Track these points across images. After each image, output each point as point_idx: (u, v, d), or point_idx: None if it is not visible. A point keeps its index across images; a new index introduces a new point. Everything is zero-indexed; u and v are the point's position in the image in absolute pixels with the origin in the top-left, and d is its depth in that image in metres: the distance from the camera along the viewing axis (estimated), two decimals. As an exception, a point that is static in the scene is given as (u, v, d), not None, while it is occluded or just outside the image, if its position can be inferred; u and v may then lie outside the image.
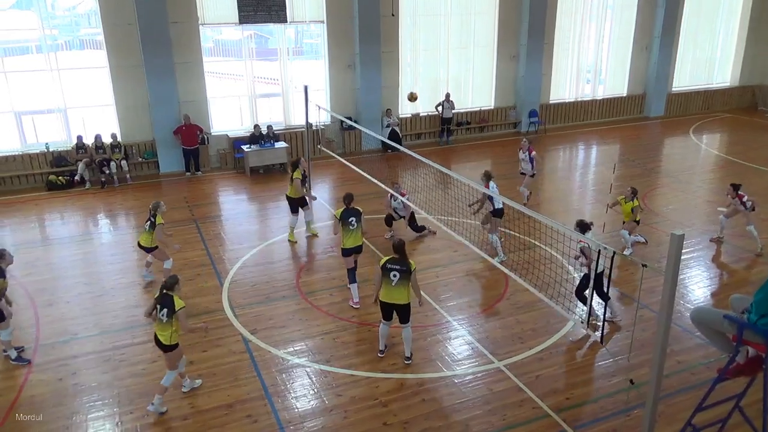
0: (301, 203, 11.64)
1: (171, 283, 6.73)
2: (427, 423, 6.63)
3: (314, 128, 16.12)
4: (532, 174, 13.37)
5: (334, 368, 7.60)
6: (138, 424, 6.64)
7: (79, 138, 15.41)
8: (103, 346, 8.14)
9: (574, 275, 9.90)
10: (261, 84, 18.10)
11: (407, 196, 11.49)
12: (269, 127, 16.85)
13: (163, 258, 9.59)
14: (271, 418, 6.74)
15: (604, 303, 7.42)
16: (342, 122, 16.71)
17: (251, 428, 6.60)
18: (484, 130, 20.80)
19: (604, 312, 6.66)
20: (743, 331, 5.13)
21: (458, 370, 7.56)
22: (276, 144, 16.57)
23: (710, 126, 22.38)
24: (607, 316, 8.42)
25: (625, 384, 6.99)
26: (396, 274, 7.32)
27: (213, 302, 9.31)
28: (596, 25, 22.08)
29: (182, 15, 15.85)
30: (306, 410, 6.88)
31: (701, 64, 24.83)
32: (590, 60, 22.61)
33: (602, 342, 6.82)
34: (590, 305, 7.77)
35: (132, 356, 7.91)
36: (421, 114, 19.76)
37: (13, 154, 15.24)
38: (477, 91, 20.69)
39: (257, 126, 16.74)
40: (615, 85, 23.25)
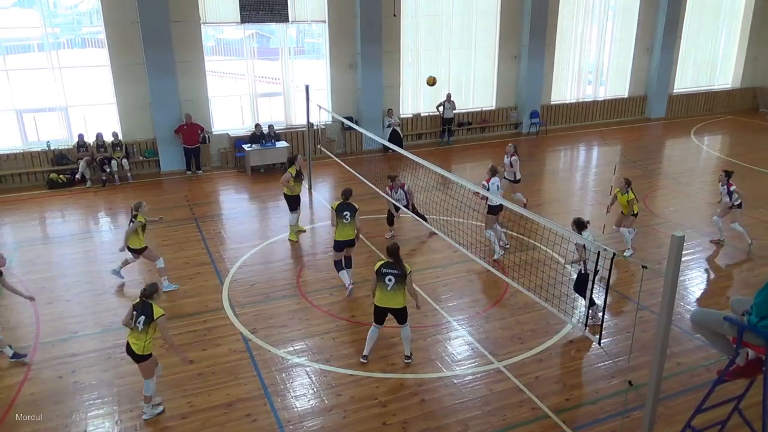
0: (299, 201, 11.70)
1: (150, 291, 6.53)
2: (427, 423, 6.63)
3: (315, 128, 16.14)
4: (517, 180, 12.97)
5: (334, 368, 7.61)
6: (137, 423, 6.64)
7: (81, 136, 15.42)
8: (103, 345, 8.15)
9: (574, 276, 9.88)
10: (262, 83, 18.11)
11: (407, 186, 11.52)
12: (270, 127, 16.85)
13: (154, 258, 9.58)
14: (271, 418, 6.74)
15: (588, 305, 7.50)
16: (343, 122, 16.71)
17: (250, 427, 6.60)
18: (485, 131, 20.80)
19: (603, 312, 6.65)
20: (743, 333, 5.13)
21: (458, 371, 7.56)
22: (277, 143, 16.58)
23: (711, 128, 22.37)
24: (589, 322, 8.53)
25: (625, 385, 6.98)
26: (391, 279, 7.24)
27: (213, 301, 9.32)
28: (598, 26, 22.08)
29: (184, 14, 15.86)
30: (305, 410, 6.88)
31: (703, 66, 24.82)
32: (592, 61, 22.61)
33: (600, 344, 6.83)
34: (588, 306, 7.76)
35: (132, 355, 7.91)
36: (422, 114, 19.77)
37: (15, 152, 15.25)
38: (478, 92, 20.69)
39: (258, 125, 16.75)
40: (616, 87, 23.24)
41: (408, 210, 11.50)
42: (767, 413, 5.37)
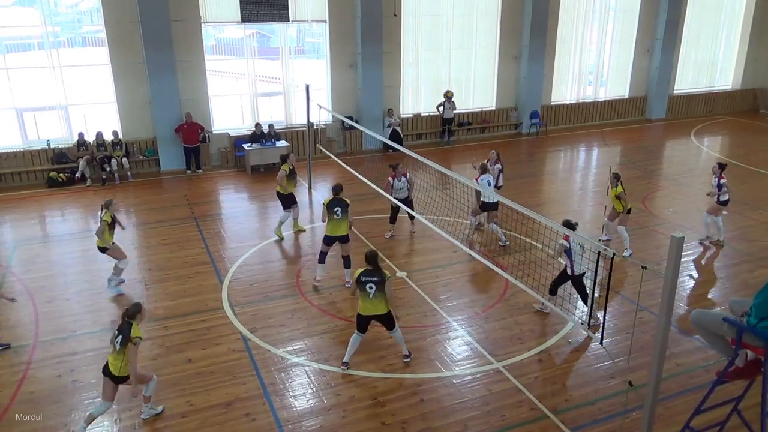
0: (292, 200, 11.71)
1: (133, 312, 6.29)
2: (426, 423, 6.62)
3: (315, 127, 16.13)
4: (499, 186, 12.80)
5: (333, 368, 7.60)
6: (136, 422, 6.63)
7: (81, 135, 15.42)
8: (102, 344, 8.12)
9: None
10: (262, 83, 18.10)
11: (409, 175, 11.66)
12: (270, 126, 16.85)
13: (119, 257, 9.53)
14: (270, 417, 6.74)
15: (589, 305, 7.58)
16: (343, 122, 16.72)
17: (249, 426, 6.60)
18: (486, 131, 20.80)
19: (605, 312, 6.65)
20: (742, 335, 5.13)
21: (457, 371, 7.56)
22: (277, 143, 16.57)
23: (712, 129, 22.37)
24: (539, 307, 8.86)
25: (624, 386, 6.98)
26: (372, 286, 7.17)
27: (212, 300, 9.31)
28: (598, 27, 22.07)
29: (185, 13, 15.85)
30: (304, 409, 6.88)
31: (703, 67, 24.82)
32: (592, 62, 22.61)
33: (602, 343, 6.83)
34: (591, 307, 7.76)
35: (131, 354, 7.90)
36: (423, 114, 19.77)
37: (14, 151, 15.25)
38: (478, 92, 20.69)
39: (258, 125, 16.74)
40: (616, 87, 23.24)
41: (406, 205, 11.54)
42: (766, 414, 5.37)
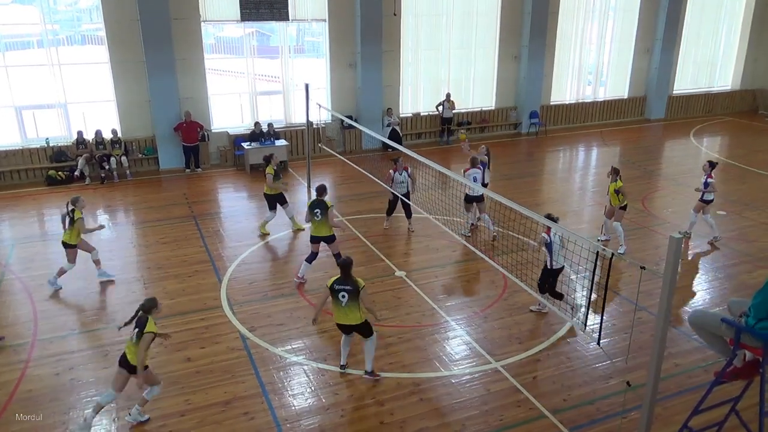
0: (280, 200, 11.74)
1: (149, 306, 6.42)
2: (424, 423, 6.63)
3: (315, 126, 16.13)
4: (485, 184, 12.55)
5: (332, 367, 7.60)
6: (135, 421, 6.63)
7: (80, 133, 15.41)
8: (101, 342, 8.14)
9: (572, 277, 9.91)
10: (262, 81, 18.09)
11: (410, 170, 11.73)
12: (270, 125, 16.84)
13: (72, 260, 9.53)
14: (268, 416, 6.74)
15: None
16: (342, 121, 16.71)
17: (248, 425, 6.60)
18: (485, 131, 20.80)
19: (602, 312, 6.65)
20: (741, 335, 5.13)
21: (455, 370, 7.56)
22: (276, 142, 16.57)
23: (711, 129, 22.38)
24: (536, 307, 8.91)
25: (622, 386, 6.99)
26: (344, 295, 6.94)
27: (211, 299, 9.31)
28: (598, 27, 22.08)
29: (184, 11, 15.84)
30: (303, 408, 6.88)
31: (702, 67, 24.83)
32: (591, 61, 22.62)
33: (599, 343, 6.84)
34: (588, 303, 7.76)
35: (129, 352, 7.90)
36: (422, 114, 19.77)
37: (13, 149, 15.24)
38: (478, 92, 20.69)
39: (258, 123, 16.74)
40: (616, 87, 23.25)
41: (407, 199, 11.62)
42: (764, 414, 5.38)
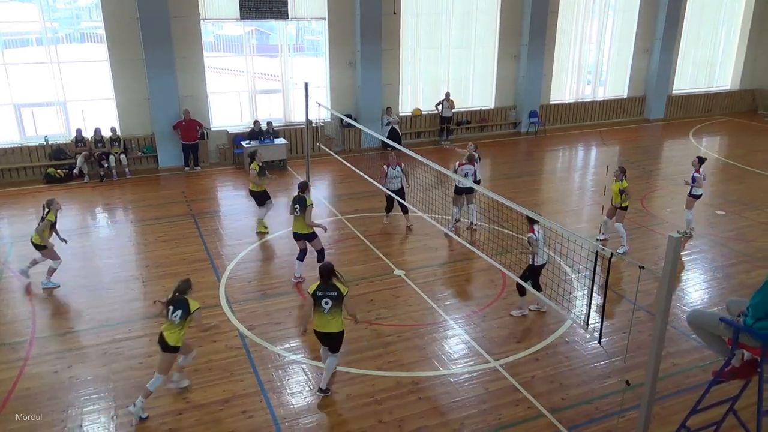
0: (266, 196, 11.78)
1: (184, 288, 6.73)
2: (422, 421, 6.63)
3: (314, 125, 16.11)
4: (477, 181, 12.52)
5: (330, 365, 7.60)
6: (133, 418, 6.62)
7: (79, 131, 15.40)
8: (100, 340, 8.14)
9: (571, 276, 9.91)
10: (261, 80, 18.08)
11: (404, 165, 11.84)
12: (269, 124, 16.83)
13: (53, 257, 9.49)
14: (267, 414, 6.74)
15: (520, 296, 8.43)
16: (342, 120, 16.70)
17: (246, 424, 6.60)
18: (484, 130, 20.80)
19: (603, 311, 6.66)
20: (739, 335, 5.14)
21: (454, 369, 7.57)
22: (275, 140, 16.56)
23: (710, 129, 22.40)
24: (534, 307, 8.93)
25: (621, 385, 6.99)
26: (328, 302, 6.73)
27: (210, 297, 9.30)
28: (598, 26, 22.09)
29: (184, 9, 15.83)
30: (301, 407, 6.88)
31: (702, 67, 24.85)
32: (591, 61, 22.62)
33: (600, 342, 6.84)
34: (590, 303, 7.75)
35: (128, 350, 7.90)
36: (423, 112, 19.76)
37: (12, 147, 15.23)
38: (477, 91, 20.68)
39: (257, 122, 16.73)
40: (615, 87, 23.26)
41: (400, 196, 11.65)
42: (762, 414, 5.38)
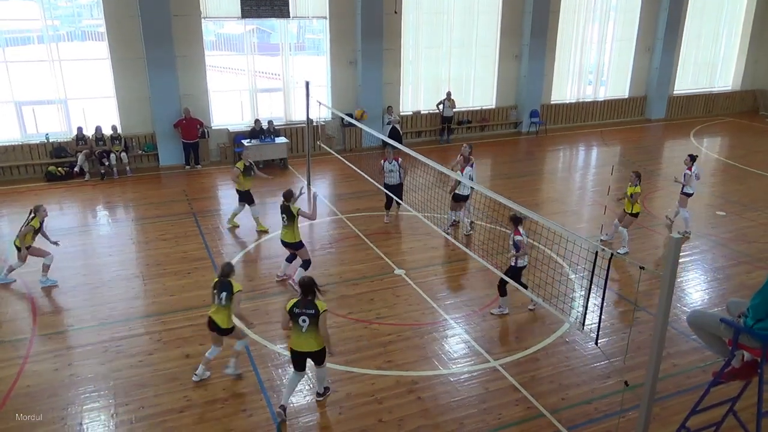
0: (249, 198, 11.79)
1: (228, 271, 7.15)
2: (422, 420, 6.64)
3: (315, 124, 16.12)
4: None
5: (330, 364, 7.58)
6: (133, 416, 6.64)
7: (80, 129, 15.40)
8: (100, 338, 8.14)
9: (571, 276, 9.91)
10: (262, 79, 18.07)
11: (401, 160, 11.82)
12: (270, 122, 16.83)
13: (43, 254, 9.57)
14: (267, 413, 6.74)
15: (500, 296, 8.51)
16: (342, 119, 16.71)
17: (247, 422, 6.61)
18: (485, 130, 20.80)
19: (600, 314, 6.66)
20: (739, 336, 5.14)
21: (454, 369, 7.57)
22: (276, 139, 16.56)
23: (711, 130, 22.39)
24: (498, 311, 8.87)
25: (620, 385, 6.99)
26: (305, 320, 6.34)
27: (210, 296, 9.25)
28: (599, 26, 22.07)
29: (185, 8, 15.82)
30: (301, 405, 6.88)
31: (703, 68, 24.84)
32: (592, 61, 22.61)
33: (597, 343, 6.85)
34: (586, 304, 7.75)
35: (129, 348, 7.91)
36: (422, 112, 19.76)
37: (13, 144, 15.24)
38: (478, 90, 20.68)
39: (258, 121, 16.73)
40: (617, 87, 23.25)
41: (398, 190, 11.71)
42: (762, 415, 5.38)
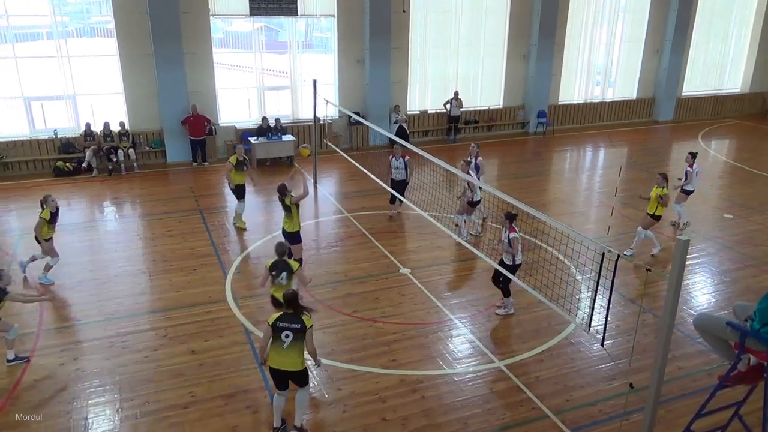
0: (241, 192, 11.82)
1: (282, 251, 7.60)
2: (426, 420, 6.64)
3: (322, 122, 16.13)
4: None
5: (335, 362, 7.62)
6: (138, 411, 6.67)
7: (88, 125, 15.47)
8: (106, 333, 8.19)
9: (578, 277, 9.89)
10: (270, 76, 18.11)
11: (408, 157, 11.85)
12: (277, 120, 16.87)
13: (51, 254, 9.54)
14: (271, 410, 6.75)
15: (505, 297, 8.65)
16: (350, 117, 16.72)
17: (250, 419, 6.62)
18: (492, 129, 20.76)
19: (606, 315, 6.64)
20: (746, 339, 5.11)
21: (459, 369, 7.57)
22: (283, 137, 16.60)
23: (719, 132, 22.27)
24: (503, 312, 8.86)
25: (625, 388, 6.97)
26: (289, 335, 5.99)
27: (216, 292, 9.34)
28: (608, 27, 21.99)
29: (193, 5, 15.87)
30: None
31: (712, 69, 24.71)
32: (600, 62, 22.53)
33: (603, 345, 6.83)
34: (593, 303, 7.74)
35: (135, 343, 7.95)
36: (429, 111, 19.75)
37: (22, 140, 15.33)
38: (486, 90, 20.64)
39: (265, 118, 16.77)
40: (625, 88, 23.16)
41: (403, 187, 11.69)
42: (767, 420, 5.36)
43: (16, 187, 14.28)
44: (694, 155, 12.10)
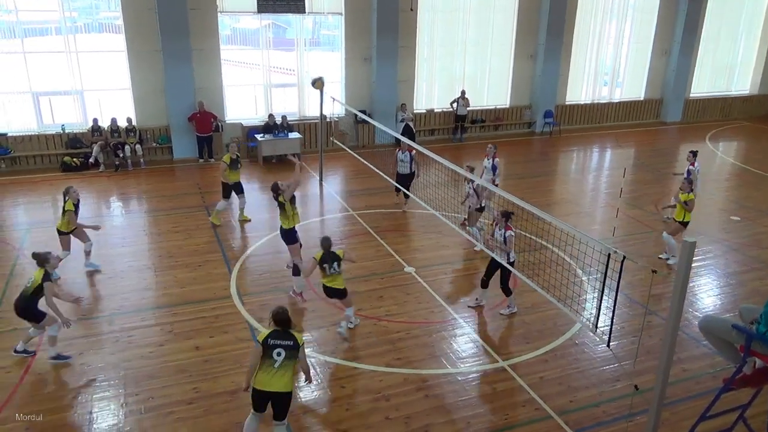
0: (239, 188, 11.90)
1: (329, 244, 7.98)
2: (429, 419, 6.64)
3: (328, 120, 16.14)
4: (495, 182, 12.47)
5: (339, 360, 7.63)
6: (142, 406, 6.69)
7: (95, 121, 15.54)
8: (111, 328, 8.22)
9: (583, 278, 9.87)
10: (277, 74, 18.13)
11: (414, 152, 11.86)
12: (284, 117, 16.89)
13: (65, 246, 9.60)
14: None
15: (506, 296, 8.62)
16: (356, 115, 16.73)
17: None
18: (499, 129, 20.73)
19: (612, 316, 6.62)
20: (751, 342, 5.09)
21: (462, 368, 7.56)
22: (290, 134, 16.62)
23: (727, 134, 22.16)
24: (507, 311, 8.85)
25: (629, 389, 6.96)
26: (281, 353, 5.69)
27: (221, 289, 9.36)
28: (616, 27, 21.91)
29: (201, 2, 15.90)
30: (309, 401, 6.91)
31: (720, 71, 24.59)
32: (608, 62, 22.44)
33: (608, 345, 6.81)
34: (600, 304, 7.72)
35: (140, 339, 7.98)
36: (436, 110, 19.73)
37: (30, 134, 15.41)
38: (493, 89, 20.61)
39: (272, 115, 16.79)
40: (632, 89, 23.07)
41: (408, 180, 11.74)
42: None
43: (25, 182, 14.36)
44: (695, 153, 12.19)
